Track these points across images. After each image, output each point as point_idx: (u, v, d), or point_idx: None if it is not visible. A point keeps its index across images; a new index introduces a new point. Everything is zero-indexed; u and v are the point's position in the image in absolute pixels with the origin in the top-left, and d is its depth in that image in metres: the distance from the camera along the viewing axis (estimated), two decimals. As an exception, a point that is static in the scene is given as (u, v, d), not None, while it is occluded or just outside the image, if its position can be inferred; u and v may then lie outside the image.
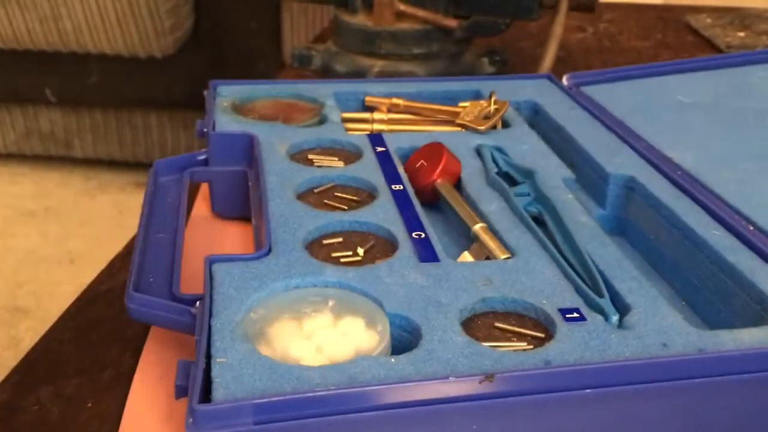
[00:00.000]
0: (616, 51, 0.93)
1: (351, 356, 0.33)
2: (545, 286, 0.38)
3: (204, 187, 0.56)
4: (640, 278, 0.38)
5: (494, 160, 0.50)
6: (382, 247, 0.41)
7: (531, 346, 0.34)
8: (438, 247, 0.41)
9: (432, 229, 0.43)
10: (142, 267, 0.41)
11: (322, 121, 0.55)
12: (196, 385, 0.31)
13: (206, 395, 0.31)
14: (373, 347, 0.33)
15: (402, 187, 0.46)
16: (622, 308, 0.37)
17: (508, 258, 0.40)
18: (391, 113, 0.58)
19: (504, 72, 0.79)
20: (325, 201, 0.45)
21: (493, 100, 0.56)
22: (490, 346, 0.34)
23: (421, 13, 0.77)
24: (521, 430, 0.31)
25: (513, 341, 0.35)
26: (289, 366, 0.32)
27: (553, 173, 0.49)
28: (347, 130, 0.54)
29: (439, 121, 0.57)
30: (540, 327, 0.36)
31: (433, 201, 0.48)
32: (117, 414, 0.38)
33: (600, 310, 0.36)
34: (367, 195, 0.46)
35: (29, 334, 1.63)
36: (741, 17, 1.01)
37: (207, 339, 0.33)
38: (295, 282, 0.37)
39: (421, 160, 0.49)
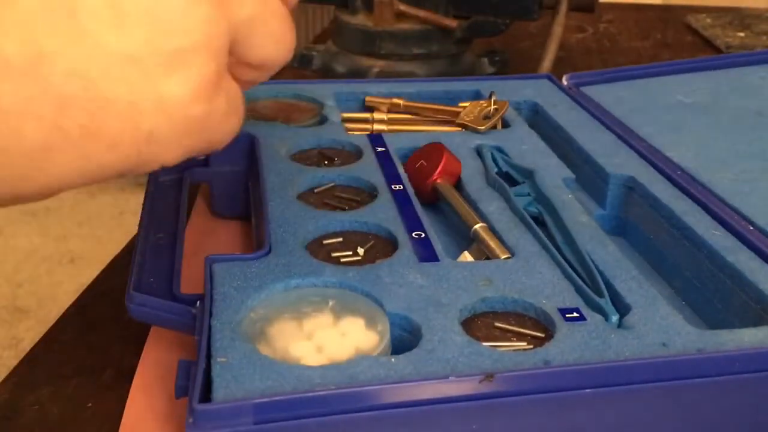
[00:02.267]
0: (616, 51, 0.93)
1: (351, 356, 0.33)
2: (545, 285, 0.38)
3: (204, 187, 0.56)
4: (640, 278, 0.38)
5: (494, 160, 0.50)
6: (382, 247, 0.41)
7: (531, 346, 0.34)
8: (438, 247, 0.41)
9: (432, 229, 0.43)
10: (143, 267, 0.41)
11: (322, 121, 0.55)
12: (196, 384, 0.31)
13: (206, 395, 0.31)
14: (374, 347, 0.33)
15: (402, 187, 0.46)
16: (622, 308, 0.37)
17: (508, 258, 0.41)
18: (391, 113, 0.58)
19: (504, 72, 0.79)
20: (325, 201, 0.45)
21: (492, 100, 0.56)
22: (490, 345, 0.34)
23: (421, 13, 0.77)
24: (521, 430, 0.31)
25: (513, 341, 0.35)
26: (290, 366, 0.32)
27: (553, 173, 0.49)
28: (347, 130, 0.54)
29: (439, 121, 0.57)
30: (540, 327, 0.36)
31: (433, 201, 0.48)
32: (117, 414, 0.38)
33: (600, 310, 0.36)
34: (367, 195, 0.46)
35: (29, 334, 1.64)
36: (741, 17, 1.01)
37: (207, 339, 0.33)
38: (295, 282, 0.37)
39: (421, 160, 0.49)
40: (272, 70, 0.31)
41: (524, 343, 0.34)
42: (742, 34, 0.95)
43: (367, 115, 0.57)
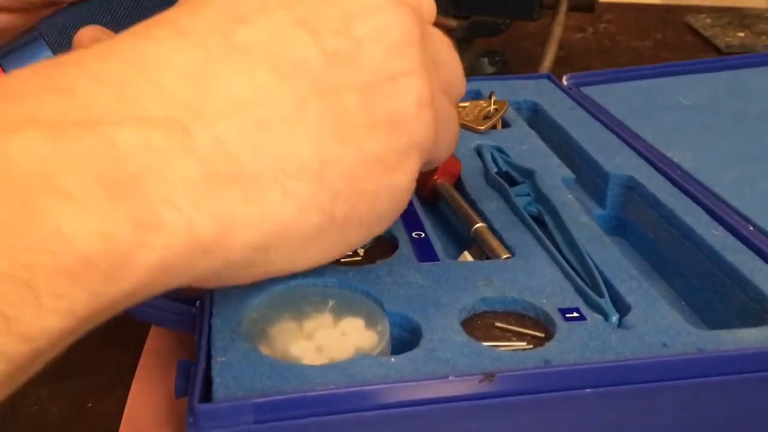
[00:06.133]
0: (616, 51, 0.93)
1: (351, 356, 0.33)
2: (545, 285, 0.38)
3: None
4: (640, 278, 0.39)
5: (494, 160, 0.50)
6: (382, 246, 0.41)
7: (531, 346, 0.34)
8: (438, 247, 0.41)
9: (432, 229, 0.43)
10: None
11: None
12: (196, 384, 0.31)
13: (206, 394, 0.31)
14: (373, 347, 0.33)
15: (402, 187, 0.46)
16: (622, 308, 0.37)
17: (508, 258, 0.41)
18: (391, 113, 0.58)
19: (504, 72, 0.79)
20: (325, 201, 0.45)
21: (492, 100, 0.56)
22: (490, 345, 0.34)
23: (421, 13, 0.76)
24: (521, 430, 0.31)
25: (513, 341, 0.35)
26: (290, 365, 0.32)
27: (552, 173, 0.49)
28: (347, 130, 0.54)
29: (439, 121, 0.57)
30: (540, 326, 0.36)
31: (433, 201, 0.48)
32: (117, 414, 0.38)
33: (600, 310, 0.36)
34: (367, 195, 0.46)
35: (29, 333, 1.64)
36: (741, 17, 1.01)
37: (207, 338, 0.33)
38: (295, 282, 0.37)
39: (421, 160, 0.49)
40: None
41: (524, 343, 0.35)
42: (742, 34, 0.95)
43: (367, 115, 0.57)
